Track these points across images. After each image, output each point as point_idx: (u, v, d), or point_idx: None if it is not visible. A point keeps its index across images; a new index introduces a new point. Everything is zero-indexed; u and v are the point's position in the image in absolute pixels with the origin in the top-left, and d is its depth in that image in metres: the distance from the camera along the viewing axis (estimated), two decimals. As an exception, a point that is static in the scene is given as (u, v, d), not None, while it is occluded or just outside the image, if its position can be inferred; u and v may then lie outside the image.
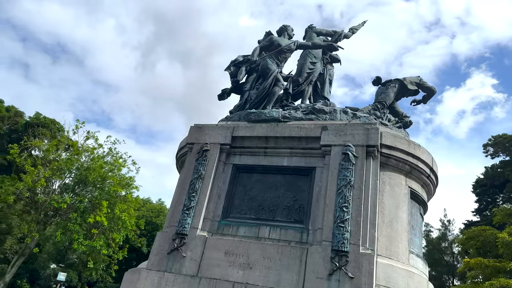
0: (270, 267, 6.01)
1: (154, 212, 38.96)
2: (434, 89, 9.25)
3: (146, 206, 39.93)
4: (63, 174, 25.33)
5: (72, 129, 27.37)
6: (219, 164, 7.32)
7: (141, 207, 40.29)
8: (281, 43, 8.75)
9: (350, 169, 6.35)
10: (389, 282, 5.85)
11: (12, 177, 25.46)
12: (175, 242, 6.63)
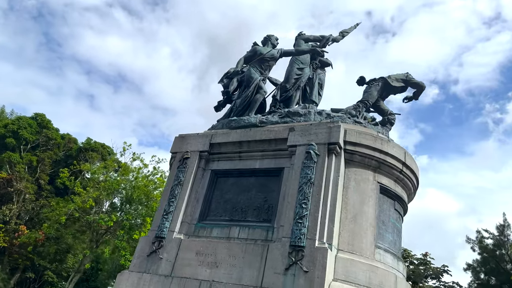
0: (235, 265, 6.26)
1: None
2: (422, 84, 9.09)
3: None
4: (111, 194, 27.02)
5: (119, 152, 29.28)
6: (198, 170, 7.74)
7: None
8: (263, 52, 9.09)
9: (312, 167, 6.49)
10: (349, 277, 5.89)
11: (66, 199, 27.49)
12: (154, 245, 7.09)
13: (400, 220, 7.23)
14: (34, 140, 29.99)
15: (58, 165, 31.02)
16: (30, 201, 28.64)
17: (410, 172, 7.24)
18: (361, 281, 5.91)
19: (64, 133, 33.04)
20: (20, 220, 28.88)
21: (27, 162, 28.19)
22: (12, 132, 29.14)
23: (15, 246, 27.86)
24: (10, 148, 28.92)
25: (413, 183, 7.43)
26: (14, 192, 28.44)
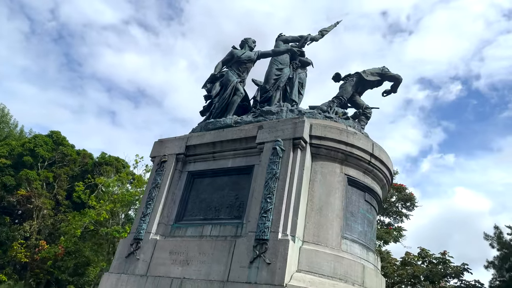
0: (204, 261, 6.41)
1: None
2: (399, 77, 9.10)
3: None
4: (126, 206, 27.58)
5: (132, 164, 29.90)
6: (175, 173, 7.94)
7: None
8: (240, 55, 9.29)
9: (277, 162, 6.61)
10: (313, 268, 5.96)
11: (82, 212, 28.17)
12: (132, 247, 7.30)
13: (372, 211, 7.24)
14: (50, 157, 30.91)
15: (75, 180, 31.82)
16: (49, 217, 29.44)
17: (380, 163, 7.26)
18: (326, 271, 5.96)
19: (79, 149, 33.93)
20: (40, 235, 29.69)
21: (44, 178, 29.05)
22: (29, 150, 30.14)
23: (36, 261, 28.64)
24: (28, 165, 29.88)
25: (384, 174, 7.43)
26: (33, 209, 29.32)
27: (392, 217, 32.37)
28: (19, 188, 29.17)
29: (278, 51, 9.53)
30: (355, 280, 6.12)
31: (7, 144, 31.13)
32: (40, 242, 28.42)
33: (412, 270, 26.25)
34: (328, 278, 5.91)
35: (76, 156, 32.60)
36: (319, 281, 5.76)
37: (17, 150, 30.29)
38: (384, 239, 28.73)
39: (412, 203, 31.78)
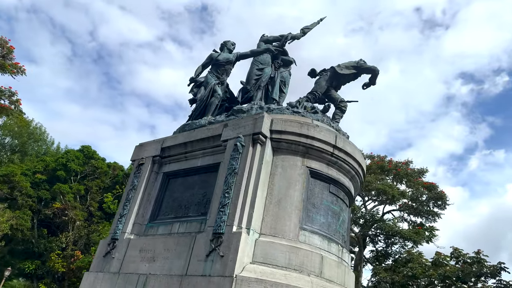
0: (168, 257, 6.60)
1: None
2: (375, 68, 8.98)
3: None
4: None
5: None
6: (151, 174, 8.22)
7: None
8: (218, 58, 9.50)
9: (237, 158, 6.73)
10: (267, 259, 6.02)
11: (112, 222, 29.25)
12: (109, 246, 7.61)
13: (338, 203, 7.18)
14: (82, 170, 32.30)
15: (106, 192, 33.07)
16: (83, 228, 30.71)
17: (345, 154, 7.21)
18: (280, 262, 6.00)
19: (110, 162, 35.25)
20: (75, 246, 30.99)
21: (76, 191, 30.39)
22: (62, 165, 31.66)
23: (73, 270, 29.90)
24: (62, 180, 31.38)
25: (351, 166, 7.36)
26: (68, 220, 30.71)
27: (424, 216, 31.37)
28: (54, 201, 30.66)
29: (256, 51, 9.67)
30: (311, 271, 6.11)
31: (42, 160, 32.86)
32: (76, 252, 29.66)
33: (443, 271, 25.29)
34: (281, 268, 5.95)
35: (106, 169, 33.89)
36: (270, 272, 5.81)
37: (51, 166, 31.90)
38: (413, 239, 27.87)
39: (443, 202, 30.70)
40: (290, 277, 5.82)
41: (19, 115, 39.44)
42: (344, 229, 7.30)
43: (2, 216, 25.62)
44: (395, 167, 31.76)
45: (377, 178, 30.19)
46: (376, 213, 30.94)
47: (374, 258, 31.48)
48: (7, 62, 25.47)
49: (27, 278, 30.68)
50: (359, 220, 30.67)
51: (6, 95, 26.75)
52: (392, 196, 28.68)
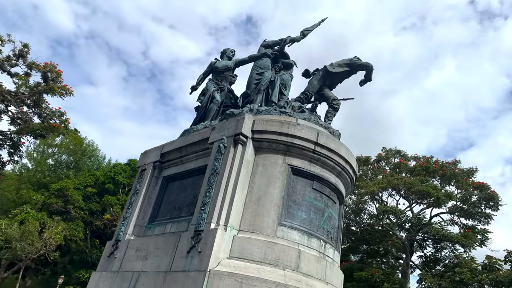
0: (157, 255, 6.96)
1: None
2: (368, 65, 8.91)
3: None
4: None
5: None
6: (152, 179, 8.68)
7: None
8: (217, 66, 9.87)
9: (219, 158, 7.01)
10: (243, 254, 6.22)
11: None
12: (112, 247, 8.13)
13: (323, 199, 7.21)
14: (129, 183, 33.92)
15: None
16: (131, 238, 32.11)
17: (328, 151, 7.25)
18: (256, 257, 6.18)
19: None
20: (125, 255, 32.45)
21: (123, 202, 31.94)
22: (110, 178, 33.50)
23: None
24: (111, 192, 33.17)
25: (335, 162, 7.38)
26: (118, 231, 32.30)
27: (475, 218, 29.78)
28: (104, 213, 32.43)
29: (254, 56, 9.94)
30: (287, 265, 6.22)
31: (93, 175, 34.91)
32: (125, 262, 31.07)
33: (495, 276, 23.84)
34: (256, 263, 6.11)
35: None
36: (244, 266, 6.00)
37: (101, 179, 33.83)
38: (461, 243, 26.48)
39: (495, 202, 29.01)
40: (263, 271, 5.97)
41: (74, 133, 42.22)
42: (332, 225, 7.31)
43: (57, 228, 27.48)
44: (441, 167, 30.48)
45: (421, 180, 29.09)
46: (422, 216, 29.78)
47: (423, 264, 30.23)
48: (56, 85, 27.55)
49: (82, 286, 32.54)
50: (404, 224, 29.66)
51: (57, 115, 28.89)
52: (436, 198, 27.52)
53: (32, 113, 28.72)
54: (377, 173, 32.15)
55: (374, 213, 30.04)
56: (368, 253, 32.09)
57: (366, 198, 29.91)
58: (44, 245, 26.37)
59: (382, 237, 30.73)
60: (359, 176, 32.22)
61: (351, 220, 31.01)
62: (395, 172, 31.30)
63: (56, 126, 29.44)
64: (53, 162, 40.96)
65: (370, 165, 33.44)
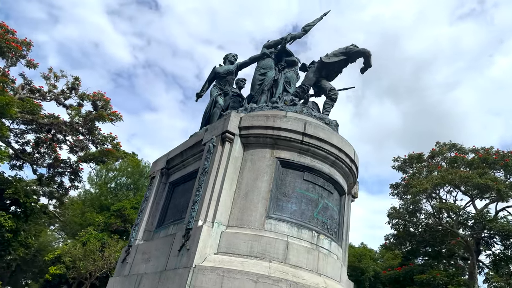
0: (157, 257, 7.15)
1: (356, 256, 38.88)
2: (364, 50, 8.63)
3: (349, 252, 40.41)
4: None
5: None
6: (160, 185, 8.96)
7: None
8: (219, 71, 10.06)
9: (208, 158, 7.13)
10: (230, 248, 6.24)
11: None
12: (125, 253, 8.46)
13: (315, 190, 7.03)
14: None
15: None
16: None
17: (318, 140, 7.11)
18: (242, 251, 6.17)
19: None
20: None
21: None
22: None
23: None
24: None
25: (327, 151, 7.20)
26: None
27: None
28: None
29: (254, 58, 10.03)
30: (274, 257, 6.13)
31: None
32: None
33: None
34: (242, 257, 6.10)
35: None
36: (228, 260, 6.01)
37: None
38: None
39: None
40: (247, 263, 5.94)
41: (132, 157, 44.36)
42: (328, 216, 7.11)
43: (116, 246, 28.90)
44: (502, 158, 28.35)
45: (479, 173, 27.21)
46: (486, 212, 27.79)
47: (492, 263, 28.06)
48: (106, 112, 29.36)
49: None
50: (466, 222, 27.84)
51: (109, 140, 30.70)
52: (497, 190, 25.55)
53: (87, 141, 30.74)
54: (432, 169, 30.52)
55: (431, 212, 28.47)
56: (429, 255, 30.39)
57: (421, 197, 28.45)
58: (105, 263, 27.81)
59: (443, 237, 29.00)
60: (413, 174, 30.79)
61: (407, 221, 29.56)
62: (451, 167, 29.55)
63: (110, 150, 31.20)
64: (113, 185, 43.30)
65: (424, 162, 31.85)
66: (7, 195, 28.26)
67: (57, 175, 31.15)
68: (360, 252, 40.01)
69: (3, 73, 27.42)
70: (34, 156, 30.69)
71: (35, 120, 28.13)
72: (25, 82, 29.01)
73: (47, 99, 29.56)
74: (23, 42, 27.32)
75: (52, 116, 28.89)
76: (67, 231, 42.31)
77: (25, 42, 27.48)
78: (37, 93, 29.39)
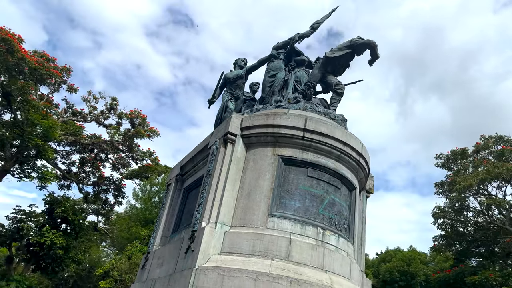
0: (169, 261, 7.27)
1: (405, 260, 37.45)
2: (369, 41, 8.40)
3: (397, 256, 39.00)
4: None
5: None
6: (175, 192, 9.11)
7: (392, 257, 39.59)
8: (229, 76, 10.15)
9: (212, 160, 7.20)
10: (233, 248, 6.24)
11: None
12: (144, 260, 8.65)
13: (320, 186, 6.90)
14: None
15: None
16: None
17: (320, 135, 6.99)
18: (244, 250, 6.15)
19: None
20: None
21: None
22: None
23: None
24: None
25: (330, 145, 7.05)
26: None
27: None
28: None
29: (261, 60, 10.05)
30: (276, 255, 6.06)
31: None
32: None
33: None
34: (244, 256, 6.07)
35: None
36: (230, 259, 6.00)
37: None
38: None
39: None
40: (248, 262, 5.91)
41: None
42: (336, 212, 6.93)
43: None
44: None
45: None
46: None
47: None
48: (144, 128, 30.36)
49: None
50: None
51: (147, 155, 31.65)
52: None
53: (127, 157, 31.85)
54: (477, 164, 28.98)
55: (479, 209, 27.00)
56: (482, 255, 28.76)
57: (467, 194, 27.07)
58: (150, 276, 28.57)
59: (495, 236, 27.35)
60: (457, 171, 29.39)
61: (454, 221, 28.18)
62: (498, 160, 27.93)
63: (150, 165, 32.12)
64: (157, 199, 44.51)
65: (469, 157, 30.33)
66: (57, 214, 29.70)
67: (102, 192, 32.42)
68: (408, 255, 38.50)
69: (47, 99, 29.09)
70: (80, 176, 32.15)
71: (78, 141, 29.54)
72: (67, 106, 30.63)
73: (88, 121, 30.97)
74: (63, 68, 28.83)
75: (93, 136, 30.24)
76: (116, 246, 43.82)
77: (65, 68, 28.98)
78: (79, 116, 30.90)
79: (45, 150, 25.69)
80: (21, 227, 29.30)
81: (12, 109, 25.20)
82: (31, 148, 25.67)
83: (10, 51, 22.20)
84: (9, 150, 26.64)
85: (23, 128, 24.34)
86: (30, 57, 24.26)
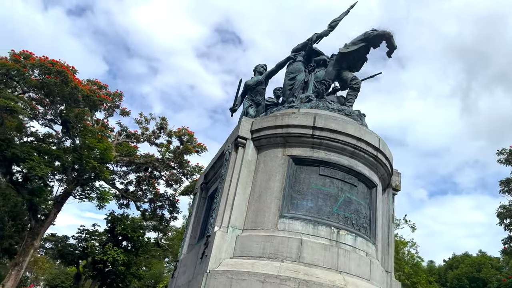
0: (190, 268, 7.33)
1: (474, 266, 35.02)
2: (383, 33, 8.04)
3: (465, 261, 36.58)
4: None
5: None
6: (200, 200, 9.22)
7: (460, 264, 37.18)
8: (249, 83, 10.17)
9: (225, 165, 7.23)
10: (244, 251, 6.19)
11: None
12: (174, 268, 8.79)
13: (333, 184, 6.65)
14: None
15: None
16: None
17: (330, 132, 6.78)
18: (255, 253, 6.08)
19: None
20: None
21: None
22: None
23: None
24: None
25: (342, 142, 6.81)
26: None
27: None
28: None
29: (279, 64, 9.97)
30: (287, 256, 5.92)
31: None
32: None
33: None
34: (255, 259, 6.00)
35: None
36: (240, 263, 5.95)
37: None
38: None
39: None
40: (257, 265, 5.82)
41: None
42: (353, 210, 6.65)
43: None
44: None
45: None
46: None
47: None
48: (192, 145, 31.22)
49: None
50: None
51: (197, 170, 32.42)
52: None
53: (179, 174, 32.83)
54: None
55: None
56: None
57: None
58: None
59: None
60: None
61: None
62: None
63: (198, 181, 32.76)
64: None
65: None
66: (118, 231, 31.14)
67: (158, 209, 33.58)
68: (478, 261, 35.96)
69: (102, 123, 30.83)
70: (137, 194, 33.55)
71: (132, 161, 30.92)
72: (121, 129, 32.25)
73: (141, 141, 32.38)
74: (115, 94, 30.46)
75: (147, 155, 31.52)
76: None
77: (117, 93, 30.60)
78: (132, 137, 32.41)
79: (101, 171, 27.10)
80: (86, 245, 30.96)
81: (71, 135, 26.95)
82: (89, 171, 27.23)
83: (65, 81, 23.81)
84: (70, 174, 28.39)
85: (81, 152, 25.90)
86: (82, 85, 25.93)
